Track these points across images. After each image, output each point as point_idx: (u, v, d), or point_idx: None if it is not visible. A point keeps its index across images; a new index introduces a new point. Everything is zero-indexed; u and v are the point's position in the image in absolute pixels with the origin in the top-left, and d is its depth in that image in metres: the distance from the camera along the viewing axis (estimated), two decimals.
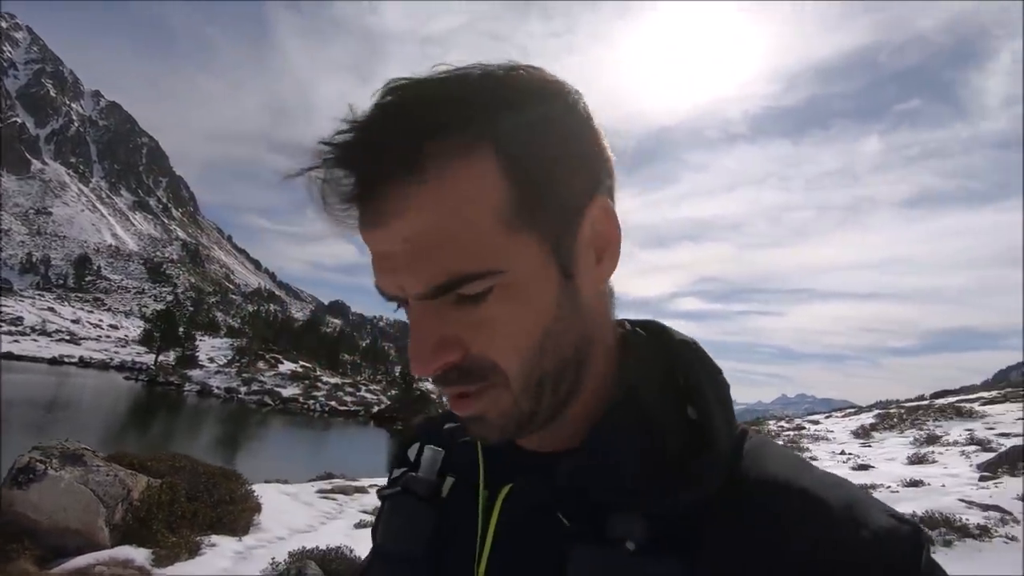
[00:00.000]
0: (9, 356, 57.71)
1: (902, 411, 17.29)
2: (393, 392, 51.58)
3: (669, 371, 0.46)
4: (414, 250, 0.37)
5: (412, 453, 0.57)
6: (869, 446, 13.79)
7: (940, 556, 6.05)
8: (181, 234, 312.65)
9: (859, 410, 22.24)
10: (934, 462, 10.66)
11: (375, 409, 42.32)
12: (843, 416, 20.90)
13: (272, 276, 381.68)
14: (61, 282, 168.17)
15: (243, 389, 44.94)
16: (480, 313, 0.39)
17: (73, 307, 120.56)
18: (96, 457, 5.66)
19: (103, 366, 60.84)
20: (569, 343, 0.42)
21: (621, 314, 0.48)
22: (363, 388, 53.15)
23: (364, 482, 10.96)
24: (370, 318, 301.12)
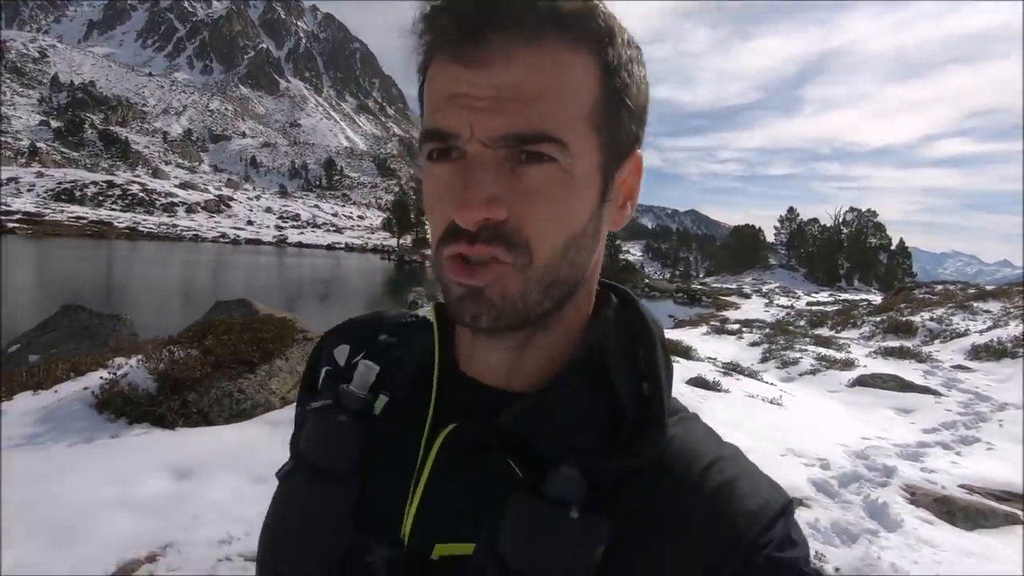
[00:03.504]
0: (300, 245, 75.26)
1: None
2: None
3: (632, 344, 0.48)
4: (506, 97, 0.38)
5: (340, 356, 0.55)
6: None
7: None
8: (397, 130, 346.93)
9: None
10: None
11: None
12: None
13: None
14: (318, 183, 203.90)
15: None
16: (533, 182, 0.40)
17: (330, 203, 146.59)
18: None
19: (362, 249, 75.01)
20: (582, 263, 0.44)
21: (858, 163, 0.79)
22: None
23: None
24: None
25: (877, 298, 29.00)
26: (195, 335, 4.85)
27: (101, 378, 4.50)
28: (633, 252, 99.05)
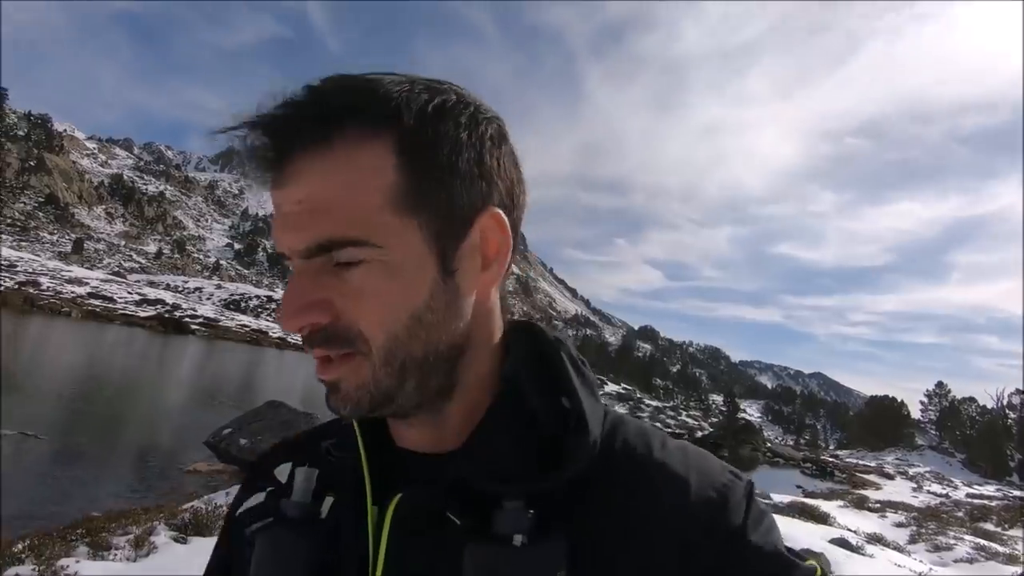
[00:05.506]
0: None
1: None
2: (713, 420, 51.97)
3: (542, 366, 0.49)
4: (304, 211, 0.41)
5: (281, 475, 0.55)
6: None
7: None
8: (515, 269, 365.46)
9: None
10: None
11: (698, 434, 43.54)
12: None
13: (587, 303, 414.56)
14: None
15: None
16: (353, 282, 0.41)
17: None
18: None
19: None
20: (443, 338, 0.44)
21: None
22: (683, 413, 54.99)
23: None
24: (679, 343, 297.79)
25: None
26: None
27: None
28: (750, 412, 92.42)
